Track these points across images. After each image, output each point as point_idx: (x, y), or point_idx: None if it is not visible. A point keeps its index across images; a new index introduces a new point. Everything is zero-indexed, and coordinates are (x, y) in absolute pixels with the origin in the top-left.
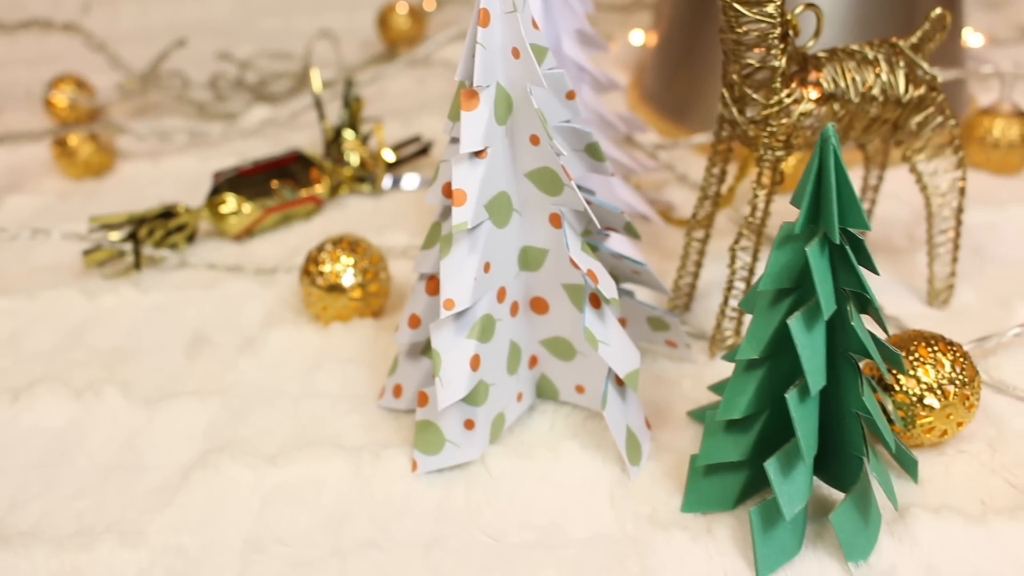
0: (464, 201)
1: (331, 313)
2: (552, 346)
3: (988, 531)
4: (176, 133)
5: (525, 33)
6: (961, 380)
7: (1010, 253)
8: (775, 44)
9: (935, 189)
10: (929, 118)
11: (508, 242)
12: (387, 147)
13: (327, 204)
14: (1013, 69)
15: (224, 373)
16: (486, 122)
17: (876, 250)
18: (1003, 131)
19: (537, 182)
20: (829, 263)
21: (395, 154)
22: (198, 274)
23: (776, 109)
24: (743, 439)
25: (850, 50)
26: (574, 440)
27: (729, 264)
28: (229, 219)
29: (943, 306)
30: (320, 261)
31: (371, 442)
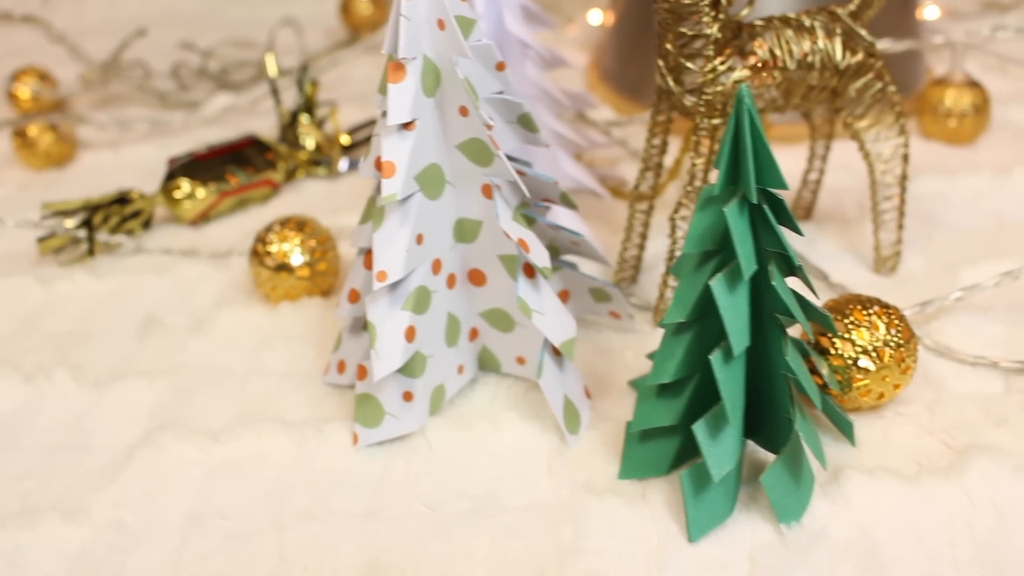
0: (393, 173)
1: (280, 293)
2: (491, 318)
3: (921, 491)
4: (137, 122)
5: (449, 5)
6: (896, 342)
7: (959, 221)
8: (706, 12)
9: (878, 156)
10: (868, 84)
11: (441, 214)
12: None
13: (284, 188)
14: (965, 39)
15: (174, 354)
16: (413, 94)
17: (826, 220)
18: (955, 101)
19: (468, 153)
20: (749, 224)
21: (350, 137)
22: (153, 259)
23: (711, 77)
24: (675, 404)
25: (787, 18)
26: (514, 410)
27: (670, 234)
28: (184, 204)
29: (890, 273)
30: (268, 241)
31: (314, 417)
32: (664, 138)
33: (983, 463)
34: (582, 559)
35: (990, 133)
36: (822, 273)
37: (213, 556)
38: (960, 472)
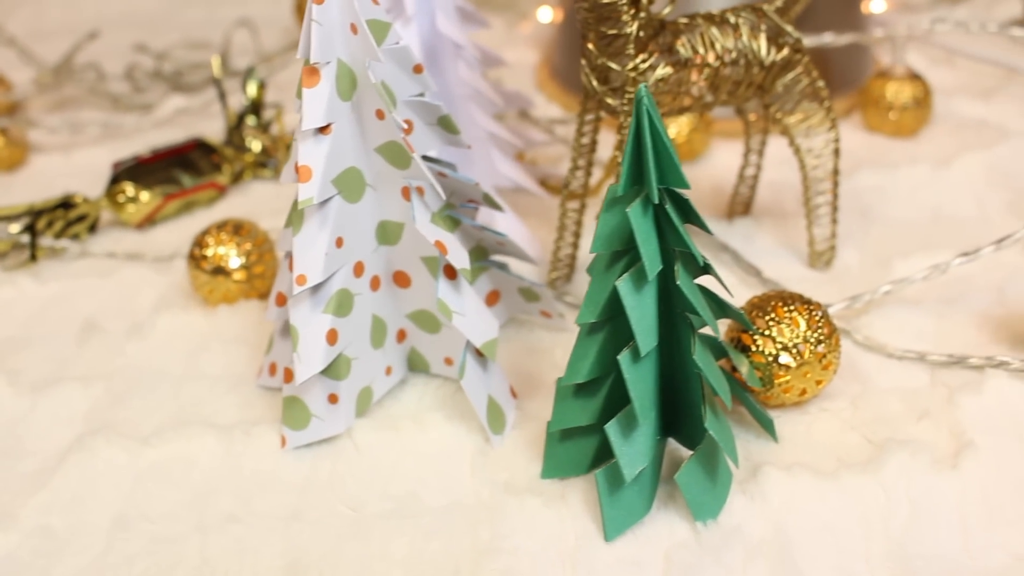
0: (309, 177)
1: (217, 296)
2: (418, 319)
3: (839, 486)
4: (89, 125)
5: (360, 9)
6: (817, 339)
7: (897, 214)
8: (625, 11)
9: (809, 151)
10: (795, 80)
11: (362, 217)
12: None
13: (230, 190)
14: (906, 32)
15: (111, 358)
16: (328, 98)
17: (765, 215)
18: (895, 94)
19: (387, 156)
20: (654, 224)
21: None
22: (97, 263)
23: (633, 76)
24: (591, 403)
25: (711, 15)
26: (441, 411)
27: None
28: (128, 208)
29: (825, 268)
30: (204, 245)
31: (244, 420)
32: (593, 137)
33: (901, 457)
34: (497, 559)
35: (933, 125)
36: (756, 269)
37: (137, 560)
38: (877, 467)
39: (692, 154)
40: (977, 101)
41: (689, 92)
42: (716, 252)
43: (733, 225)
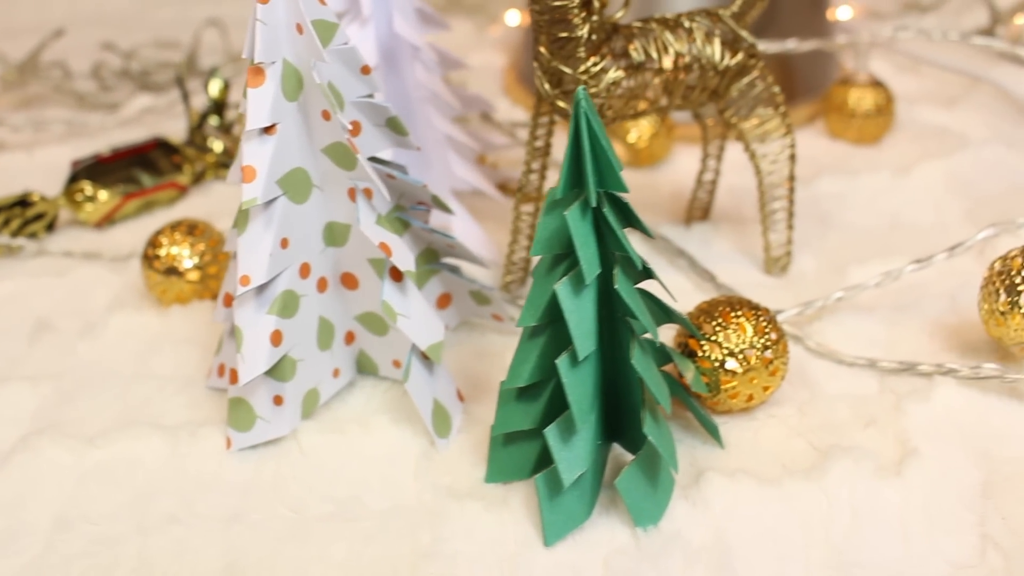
0: (254, 177)
1: (171, 296)
2: (366, 321)
3: (782, 493)
4: (53, 123)
5: (305, 9)
6: (764, 345)
7: (856, 221)
8: (576, 14)
9: (764, 157)
10: (750, 85)
11: (308, 218)
12: None
13: (191, 190)
14: (869, 39)
15: (62, 358)
16: (273, 98)
17: (723, 220)
18: (858, 101)
19: (333, 157)
20: (592, 227)
21: None
22: (54, 262)
23: (584, 79)
24: (533, 407)
25: (665, 19)
26: (387, 414)
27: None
28: (86, 207)
29: (781, 273)
30: (158, 244)
31: (191, 421)
32: (547, 140)
33: (845, 464)
34: (435, 563)
35: (895, 132)
36: (710, 274)
37: (75, 560)
38: (821, 474)
39: (653, 159)
40: (940, 109)
41: (643, 96)
42: (672, 257)
43: (691, 230)
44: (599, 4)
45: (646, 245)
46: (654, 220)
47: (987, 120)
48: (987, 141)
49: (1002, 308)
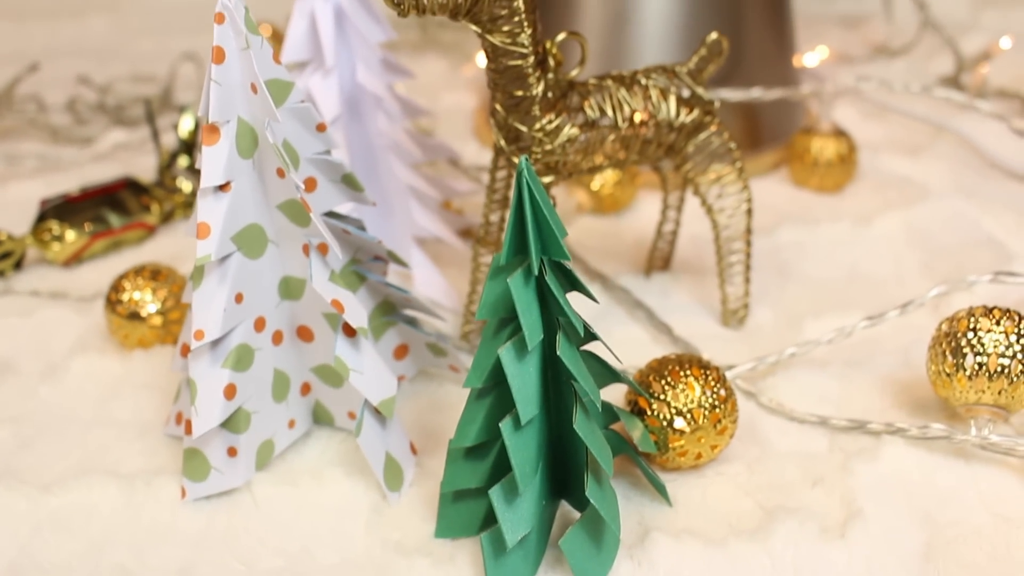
0: (208, 234)
1: (133, 340)
2: (322, 373)
3: (726, 553)
4: (26, 158)
5: (259, 70)
6: (712, 404)
7: (814, 272)
8: (531, 73)
9: (721, 211)
10: (707, 141)
11: (263, 272)
12: None
13: (160, 229)
14: (833, 89)
15: (23, 401)
16: (227, 156)
17: (683, 270)
18: (820, 150)
19: (288, 213)
20: (535, 294)
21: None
22: (19, 301)
23: (539, 137)
24: (480, 466)
25: (621, 76)
26: (341, 467)
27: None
28: (53, 246)
29: (738, 326)
30: (121, 289)
31: (147, 469)
32: (505, 192)
33: (790, 525)
34: None
35: (858, 180)
36: (667, 327)
37: None
38: (766, 534)
39: (617, 206)
40: (904, 158)
41: (600, 151)
42: (631, 309)
43: (651, 280)
44: (555, 62)
45: (606, 295)
46: (616, 269)
47: (949, 171)
48: (948, 193)
49: (948, 370)
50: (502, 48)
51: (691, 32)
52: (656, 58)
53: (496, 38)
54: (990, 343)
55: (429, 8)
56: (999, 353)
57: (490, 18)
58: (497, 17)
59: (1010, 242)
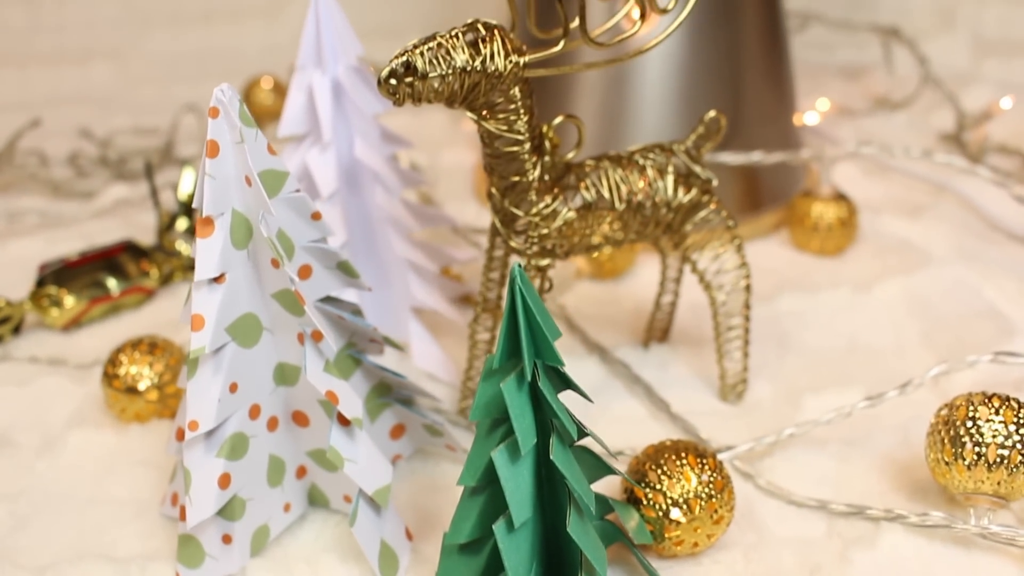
0: (202, 326)
1: (129, 414)
2: (317, 457)
3: None
4: (26, 214)
5: (253, 162)
6: (708, 494)
7: (813, 343)
8: (528, 159)
9: (720, 287)
10: (705, 219)
11: (258, 361)
12: None
13: (159, 291)
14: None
15: (20, 477)
16: (221, 249)
17: (682, 341)
18: (821, 214)
19: (283, 303)
20: (529, 397)
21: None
22: (17, 368)
23: (536, 221)
24: (475, 561)
25: (618, 156)
26: (336, 552)
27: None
28: (52, 312)
29: (737, 400)
30: (118, 363)
31: (142, 553)
32: (502, 272)
33: None
34: None
35: (859, 243)
36: (665, 403)
37: None
38: None
39: (615, 271)
40: (904, 219)
41: (598, 232)
42: (629, 383)
43: (649, 352)
44: (551, 145)
45: (604, 368)
46: (614, 339)
47: (951, 232)
48: (949, 259)
49: (946, 458)
50: (498, 135)
51: (690, 96)
52: (655, 123)
53: (492, 125)
54: (989, 432)
55: (425, 97)
56: (998, 443)
57: (487, 106)
58: (494, 105)
59: (1012, 313)
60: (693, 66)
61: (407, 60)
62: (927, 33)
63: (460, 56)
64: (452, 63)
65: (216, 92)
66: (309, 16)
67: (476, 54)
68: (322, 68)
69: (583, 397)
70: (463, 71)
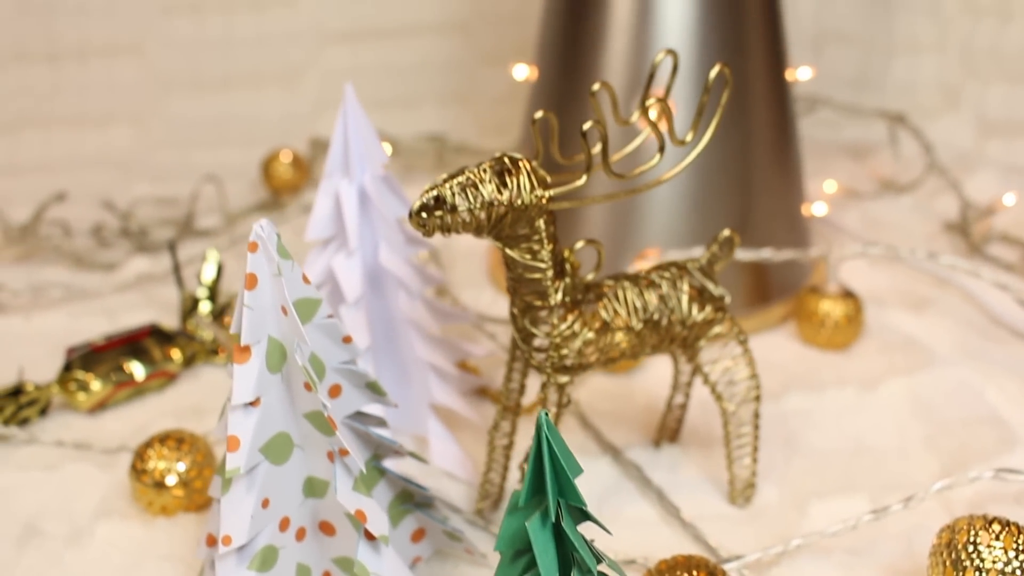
0: (237, 447)
1: (156, 507)
2: (343, 564)
3: None
4: (50, 287)
5: (289, 293)
6: None
7: (820, 444)
8: (550, 284)
9: (731, 397)
10: (718, 336)
11: (289, 476)
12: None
13: (182, 373)
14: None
15: (50, 568)
16: (257, 374)
17: (693, 441)
18: (828, 312)
19: (314, 423)
20: (552, 534)
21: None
22: (45, 452)
23: (557, 342)
24: None
25: (636, 276)
26: None
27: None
28: (79, 396)
29: (745, 504)
30: (146, 458)
31: None
32: (522, 381)
33: None
34: None
35: (865, 338)
36: (676, 508)
37: None
38: None
39: (628, 365)
40: (909, 313)
41: (615, 349)
42: (641, 486)
43: (660, 453)
44: (571, 268)
45: (617, 469)
46: (627, 438)
47: (954, 330)
48: (952, 359)
49: None
50: (522, 263)
51: (702, 196)
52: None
53: (516, 253)
54: (989, 558)
55: (454, 228)
56: (998, 569)
57: (512, 235)
58: (519, 235)
59: (1013, 418)
60: (704, 166)
61: (437, 194)
62: (932, 112)
63: (488, 190)
64: (480, 197)
65: (255, 227)
66: (338, 125)
67: (503, 187)
68: (349, 176)
69: (603, 530)
70: (491, 204)
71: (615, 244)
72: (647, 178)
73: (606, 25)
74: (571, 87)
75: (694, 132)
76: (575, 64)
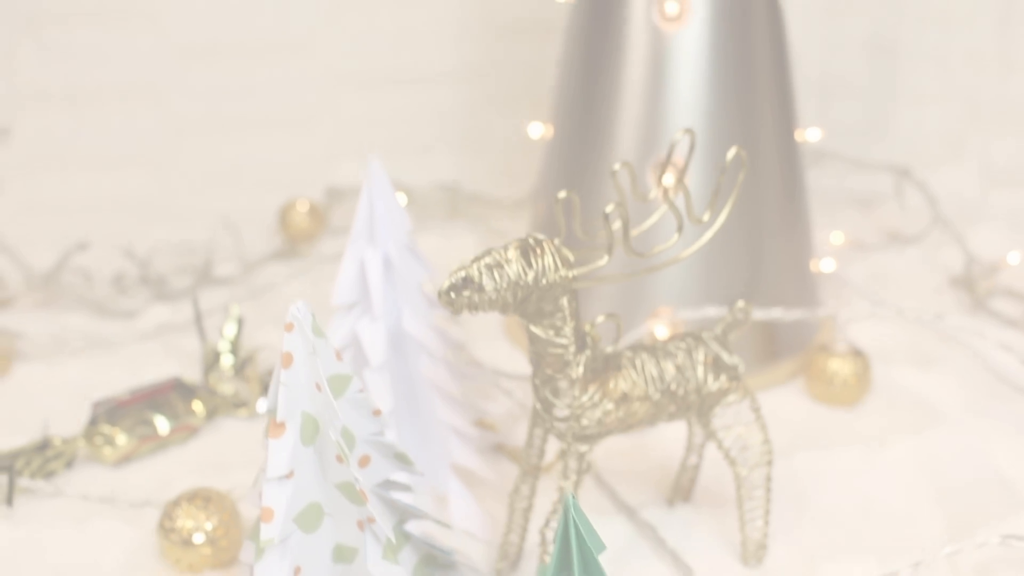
0: (271, 519)
1: (184, 565)
2: None
3: None
4: (71, 337)
5: (323, 370)
6: None
7: (829, 503)
8: (572, 357)
9: (744, 462)
10: (731, 404)
11: (320, 543)
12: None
13: (204, 426)
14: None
15: None
16: (291, 448)
17: (705, 500)
18: (837, 371)
19: (345, 493)
20: None
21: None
22: (71, 505)
23: (578, 413)
24: None
25: (652, 347)
26: None
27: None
28: (104, 450)
29: (756, 564)
30: (174, 517)
31: None
32: (541, 447)
33: None
34: None
35: (872, 395)
36: (689, 568)
37: None
38: None
39: None
40: (916, 370)
41: (631, 417)
42: (655, 545)
43: (673, 511)
44: (592, 341)
45: (632, 527)
46: (640, 497)
47: (960, 387)
48: (957, 418)
49: None
50: (545, 339)
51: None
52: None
53: (540, 330)
54: None
55: (481, 307)
56: None
57: (536, 313)
58: (543, 312)
59: (1020, 480)
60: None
61: (466, 275)
62: (937, 161)
63: (514, 270)
64: (507, 277)
65: (292, 309)
66: (363, 194)
67: (529, 268)
68: (374, 244)
69: None
70: (516, 284)
71: (628, 303)
72: (664, 255)
73: (620, 85)
74: (585, 148)
75: (711, 211)
76: (589, 123)
